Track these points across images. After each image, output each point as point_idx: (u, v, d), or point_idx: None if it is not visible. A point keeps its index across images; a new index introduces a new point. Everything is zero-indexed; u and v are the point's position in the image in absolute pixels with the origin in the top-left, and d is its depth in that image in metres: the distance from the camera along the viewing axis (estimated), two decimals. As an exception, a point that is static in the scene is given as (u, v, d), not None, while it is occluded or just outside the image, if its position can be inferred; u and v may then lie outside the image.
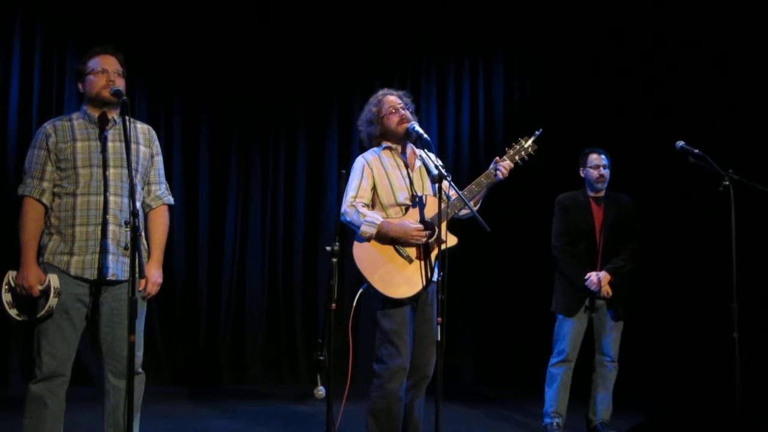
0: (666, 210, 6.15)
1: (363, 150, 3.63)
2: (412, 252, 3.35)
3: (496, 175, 3.36)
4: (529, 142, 3.44)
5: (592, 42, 6.56)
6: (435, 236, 3.31)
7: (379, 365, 3.34)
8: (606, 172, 4.44)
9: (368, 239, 3.34)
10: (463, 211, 3.48)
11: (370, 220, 3.33)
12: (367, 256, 3.33)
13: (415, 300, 3.38)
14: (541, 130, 3.42)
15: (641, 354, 5.89)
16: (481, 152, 6.83)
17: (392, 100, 3.53)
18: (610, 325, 4.39)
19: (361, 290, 3.38)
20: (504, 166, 3.37)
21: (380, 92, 3.60)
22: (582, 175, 4.51)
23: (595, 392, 4.43)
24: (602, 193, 4.47)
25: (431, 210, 3.34)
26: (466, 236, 3.70)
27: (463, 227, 3.65)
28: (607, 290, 4.31)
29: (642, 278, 5.93)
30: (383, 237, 3.33)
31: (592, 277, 4.30)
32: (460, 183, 3.43)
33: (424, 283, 3.31)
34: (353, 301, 3.36)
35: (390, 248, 3.35)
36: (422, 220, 3.36)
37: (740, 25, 5.95)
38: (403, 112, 3.48)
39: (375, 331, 3.39)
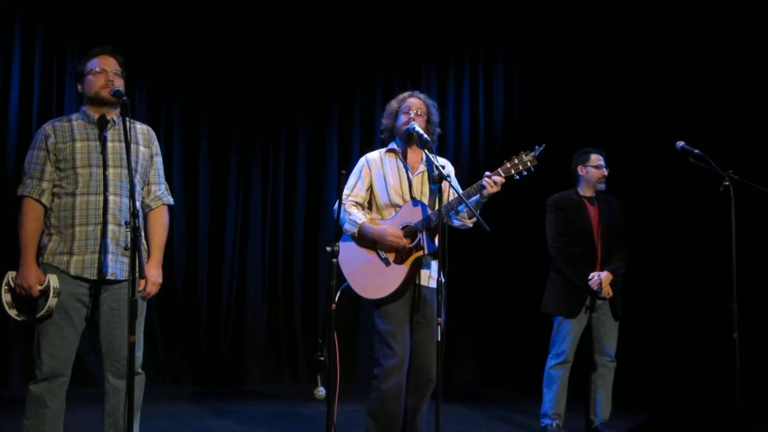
0: (666, 210, 6.16)
1: (382, 144, 3.67)
2: (390, 255, 3.37)
3: (483, 189, 3.24)
4: (530, 156, 3.28)
5: (592, 42, 6.56)
6: (416, 242, 3.32)
7: (376, 367, 3.36)
8: (607, 172, 4.46)
9: (352, 237, 3.42)
10: (456, 223, 3.48)
11: (353, 219, 3.40)
12: (347, 254, 3.42)
13: (413, 301, 3.39)
14: (543, 145, 3.29)
15: (642, 354, 5.90)
16: (481, 153, 6.84)
17: (413, 102, 3.52)
18: (611, 324, 4.39)
19: (343, 286, 3.41)
20: (489, 183, 3.22)
21: (409, 92, 3.61)
22: (581, 173, 4.47)
23: (595, 393, 4.41)
24: (594, 194, 4.47)
25: (423, 214, 3.34)
26: (465, 238, 3.68)
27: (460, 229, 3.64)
28: (608, 290, 4.31)
29: (643, 278, 5.98)
30: (363, 238, 3.39)
31: (595, 277, 4.30)
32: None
33: (397, 287, 3.32)
34: (336, 297, 3.36)
35: (372, 249, 3.40)
36: (406, 225, 3.36)
37: (740, 25, 5.95)
38: (413, 115, 3.46)
39: (374, 334, 3.41)
